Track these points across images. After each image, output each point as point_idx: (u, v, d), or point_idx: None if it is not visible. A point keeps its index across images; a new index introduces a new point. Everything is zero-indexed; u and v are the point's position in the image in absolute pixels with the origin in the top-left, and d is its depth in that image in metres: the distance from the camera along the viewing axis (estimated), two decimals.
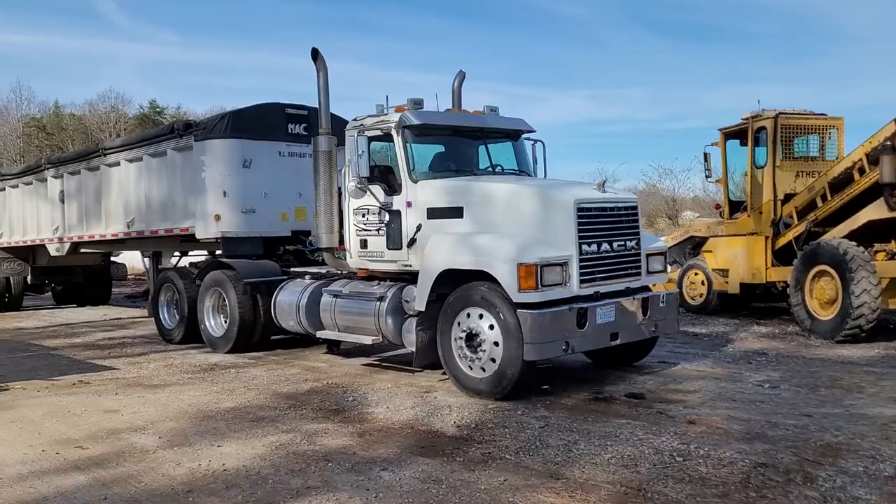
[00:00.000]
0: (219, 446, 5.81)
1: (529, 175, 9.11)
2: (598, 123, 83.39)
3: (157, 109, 58.27)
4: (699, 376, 8.00)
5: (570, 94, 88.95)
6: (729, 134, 13.03)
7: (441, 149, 8.85)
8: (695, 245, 14.03)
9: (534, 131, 9.29)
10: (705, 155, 13.44)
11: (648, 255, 7.99)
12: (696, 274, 13.26)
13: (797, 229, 11.35)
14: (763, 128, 12.03)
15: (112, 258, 18.79)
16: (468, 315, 7.31)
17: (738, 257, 12.39)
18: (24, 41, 77.85)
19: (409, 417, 6.58)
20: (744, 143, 12.71)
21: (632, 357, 8.53)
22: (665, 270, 8.43)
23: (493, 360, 7.09)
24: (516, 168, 9.06)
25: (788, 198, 11.73)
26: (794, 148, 12.08)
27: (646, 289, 8.08)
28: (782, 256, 11.63)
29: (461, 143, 8.86)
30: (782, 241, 11.66)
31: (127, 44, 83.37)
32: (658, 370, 8.40)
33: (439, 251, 7.65)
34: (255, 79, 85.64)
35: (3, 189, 17.94)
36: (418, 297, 7.78)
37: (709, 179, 14.76)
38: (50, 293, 20.19)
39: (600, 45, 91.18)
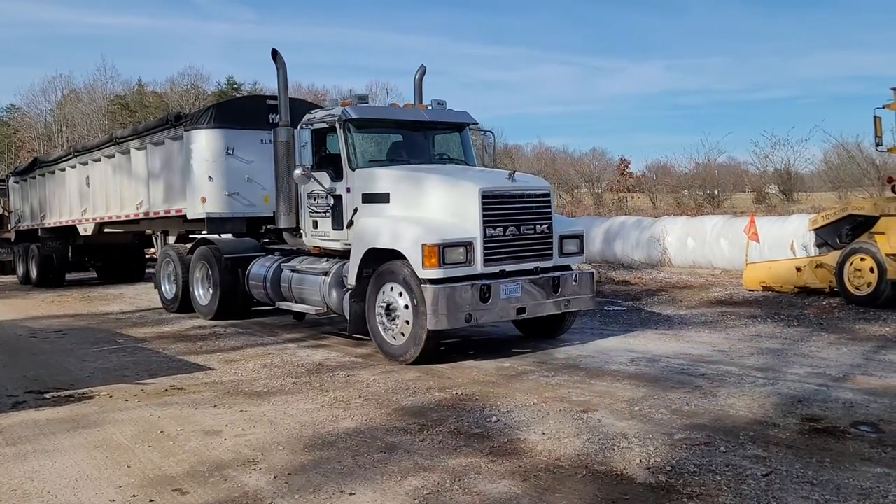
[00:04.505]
0: (351, 494, 4.51)
1: (469, 164, 9.87)
2: (676, 94, 79.31)
3: (234, 86, 58.42)
4: None
5: (647, 64, 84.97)
6: None
7: (398, 139, 9.78)
8: (854, 226, 11.99)
9: (475, 123, 10.20)
10: (875, 119, 11.37)
11: (563, 238, 8.69)
12: (862, 260, 11.25)
13: None
14: None
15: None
16: (386, 289, 8.22)
17: None
18: (109, 22, 79.77)
19: (577, 450, 5.20)
20: None
21: (555, 331, 9.29)
22: (581, 252, 9.00)
23: (406, 328, 7.98)
24: (462, 157, 9.92)
25: None
26: None
27: (565, 268, 8.76)
28: None
29: (410, 135, 9.72)
30: None
31: (206, 22, 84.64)
32: (865, 384, 6.75)
33: (365, 232, 8.58)
34: (331, 55, 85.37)
35: (44, 175, 19.16)
36: (350, 272, 8.69)
37: (879, 148, 12.65)
38: (94, 270, 21.16)
39: (679, 11, 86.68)
